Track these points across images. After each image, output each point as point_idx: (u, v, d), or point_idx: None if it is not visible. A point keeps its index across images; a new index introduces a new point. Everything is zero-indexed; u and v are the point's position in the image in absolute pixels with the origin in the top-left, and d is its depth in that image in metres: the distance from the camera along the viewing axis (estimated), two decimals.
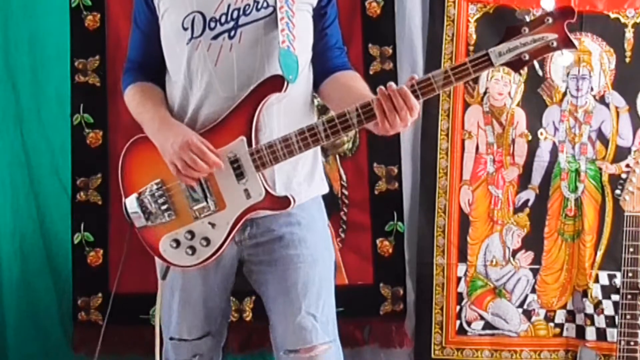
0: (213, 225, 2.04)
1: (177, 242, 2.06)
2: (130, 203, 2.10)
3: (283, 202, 2.03)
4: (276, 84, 1.99)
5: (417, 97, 1.90)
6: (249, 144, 2.00)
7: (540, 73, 2.99)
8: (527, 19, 1.87)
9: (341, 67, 2.15)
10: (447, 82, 1.90)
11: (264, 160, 1.99)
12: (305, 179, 2.12)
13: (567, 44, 1.87)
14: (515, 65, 1.90)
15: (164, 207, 2.06)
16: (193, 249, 2.05)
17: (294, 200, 2.03)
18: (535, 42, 1.87)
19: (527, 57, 1.88)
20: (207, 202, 2.03)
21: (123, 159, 2.14)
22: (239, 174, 2.00)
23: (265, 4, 2.04)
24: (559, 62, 2.10)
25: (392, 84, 1.90)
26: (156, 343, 2.22)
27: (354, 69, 2.22)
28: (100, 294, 3.02)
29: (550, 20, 1.86)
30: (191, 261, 2.07)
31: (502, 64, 1.89)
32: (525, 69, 2.61)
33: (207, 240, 2.04)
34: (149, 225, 2.08)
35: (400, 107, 1.88)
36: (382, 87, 1.90)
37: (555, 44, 1.87)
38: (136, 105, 2.14)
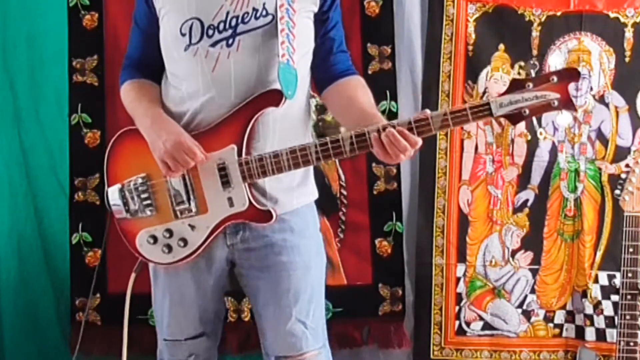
0: (193, 227, 2.05)
1: (155, 239, 2.07)
2: (113, 193, 2.10)
3: (265, 216, 2.03)
4: (274, 98, 2.00)
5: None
6: (239, 154, 2.00)
7: (538, 131, 2.98)
8: (533, 73, 1.89)
9: (345, 73, 2.15)
10: (444, 124, 1.91)
11: (252, 172, 1.99)
12: (297, 185, 2.11)
13: (568, 105, 1.90)
14: (514, 118, 1.91)
15: (146, 202, 2.07)
16: (169, 248, 2.07)
17: (276, 215, 2.03)
18: (537, 99, 1.89)
19: (527, 112, 1.90)
20: (189, 203, 2.04)
21: (111, 148, 2.15)
22: (225, 182, 2.01)
23: (264, 12, 2.03)
24: (557, 121, 2.14)
25: (391, 130, 1.89)
26: (124, 338, 2.22)
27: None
28: (98, 295, 3.01)
29: (556, 79, 1.88)
30: (166, 259, 2.08)
31: (501, 116, 1.91)
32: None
33: (185, 241, 2.06)
34: (128, 217, 2.09)
35: (399, 143, 1.89)
36: (376, 134, 1.90)
37: (556, 103, 1.89)
38: (131, 100, 2.15)
